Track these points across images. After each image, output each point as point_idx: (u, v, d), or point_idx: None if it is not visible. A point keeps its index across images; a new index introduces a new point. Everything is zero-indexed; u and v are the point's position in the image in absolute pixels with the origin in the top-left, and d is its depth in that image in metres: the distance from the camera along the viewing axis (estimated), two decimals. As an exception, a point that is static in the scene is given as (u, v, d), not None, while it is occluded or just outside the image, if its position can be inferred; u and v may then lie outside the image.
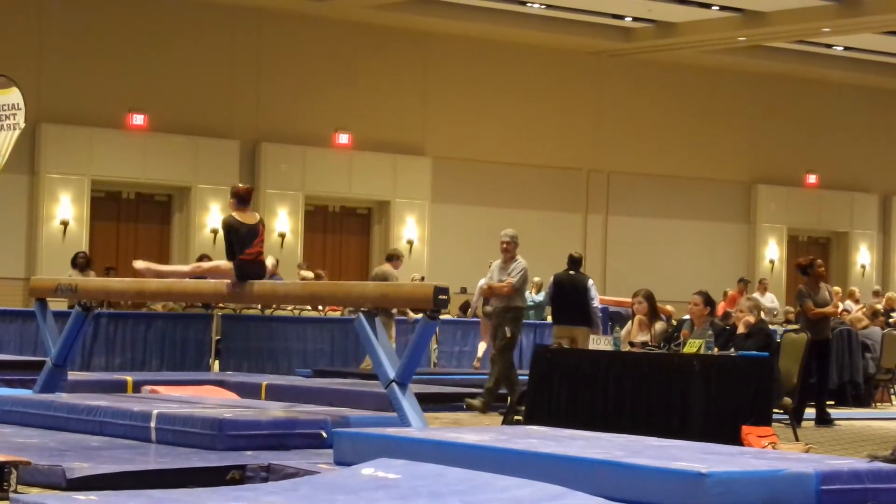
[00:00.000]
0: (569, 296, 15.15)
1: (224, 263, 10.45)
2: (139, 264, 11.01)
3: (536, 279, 20.96)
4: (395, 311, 16.28)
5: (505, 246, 13.70)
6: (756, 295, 24.01)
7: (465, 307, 23.13)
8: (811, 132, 30.63)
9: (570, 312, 15.14)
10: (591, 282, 15.48)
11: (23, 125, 15.19)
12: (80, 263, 20.68)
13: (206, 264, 11.09)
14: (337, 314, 19.56)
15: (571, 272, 15.41)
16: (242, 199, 10.37)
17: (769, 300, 24.13)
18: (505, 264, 13.91)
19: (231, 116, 24.67)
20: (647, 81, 28.63)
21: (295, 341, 18.18)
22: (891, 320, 20.09)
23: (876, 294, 24.74)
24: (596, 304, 15.35)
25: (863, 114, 31.23)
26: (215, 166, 24.39)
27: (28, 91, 15.67)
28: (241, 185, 10.78)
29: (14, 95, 15.26)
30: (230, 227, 10.22)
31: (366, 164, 25.76)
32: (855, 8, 24.17)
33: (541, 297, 20.76)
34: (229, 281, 10.26)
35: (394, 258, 17.32)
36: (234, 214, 10.30)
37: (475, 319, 21.88)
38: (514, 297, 13.73)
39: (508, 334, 13.03)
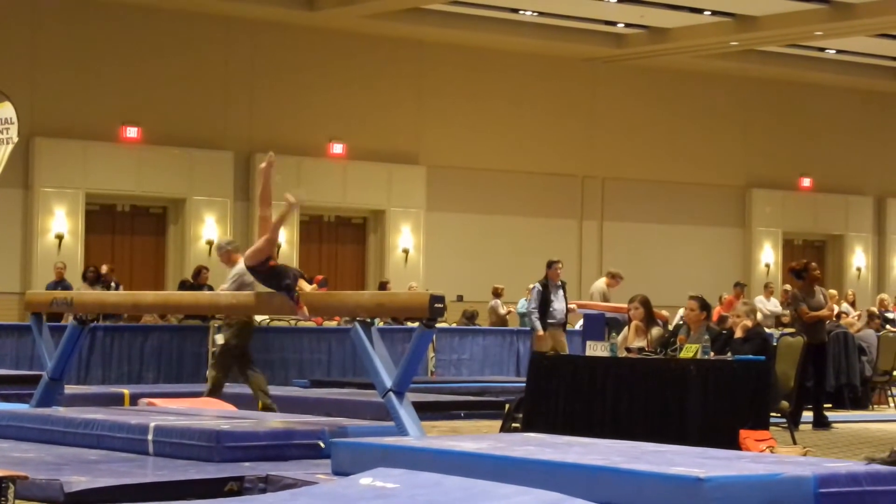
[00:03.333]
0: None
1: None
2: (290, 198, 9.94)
3: (531, 286, 20.94)
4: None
5: (219, 256, 12.93)
6: (761, 298, 24.00)
7: (469, 316, 23.09)
8: (805, 136, 30.66)
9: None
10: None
11: (16, 139, 15.19)
12: (91, 277, 20.69)
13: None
14: (333, 324, 19.54)
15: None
16: None
17: (773, 304, 24.08)
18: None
19: (225, 128, 24.68)
20: (641, 87, 28.66)
21: (291, 352, 18.16)
22: (887, 324, 20.09)
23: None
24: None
25: (856, 116, 31.27)
26: (210, 178, 24.40)
27: (21, 105, 15.68)
28: None
29: (7, 110, 15.26)
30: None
31: (360, 174, 25.77)
32: (846, 11, 24.22)
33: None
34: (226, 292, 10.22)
35: (613, 276, 18.07)
36: None
37: (474, 327, 21.90)
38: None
39: (221, 341, 12.52)
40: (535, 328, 17.05)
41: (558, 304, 17.07)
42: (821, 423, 13.71)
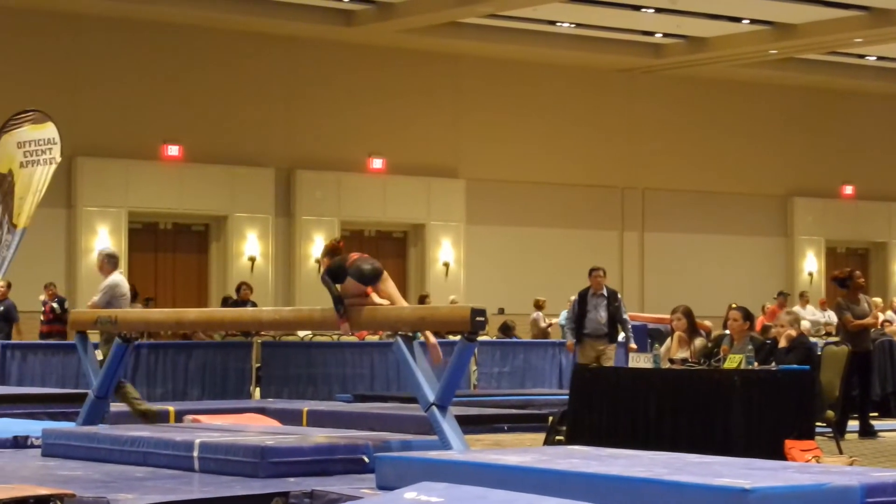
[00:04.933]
0: None
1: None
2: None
3: (573, 298, 20.90)
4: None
5: (98, 262, 13.04)
6: (797, 308, 23.87)
7: (503, 328, 23.11)
8: (846, 143, 30.51)
9: None
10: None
11: (59, 159, 15.27)
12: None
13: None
14: (375, 339, 19.58)
15: None
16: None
17: (810, 313, 23.96)
18: None
19: (265, 144, 24.80)
20: (680, 97, 28.60)
21: (334, 367, 18.21)
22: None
23: None
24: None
25: (897, 123, 31.10)
26: (251, 195, 24.52)
27: (63, 125, 15.77)
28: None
29: (49, 130, 15.35)
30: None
31: (400, 188, 25.82)
32: (886, 17, 24.10)
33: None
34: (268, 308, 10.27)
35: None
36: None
37: (514, 340, 21.89)
38: None
39: (100, 357, 12.64)
40: (566, 338, 16.89)
41: (596, 315, 15.87)
42: (867, 431, 13.62)
